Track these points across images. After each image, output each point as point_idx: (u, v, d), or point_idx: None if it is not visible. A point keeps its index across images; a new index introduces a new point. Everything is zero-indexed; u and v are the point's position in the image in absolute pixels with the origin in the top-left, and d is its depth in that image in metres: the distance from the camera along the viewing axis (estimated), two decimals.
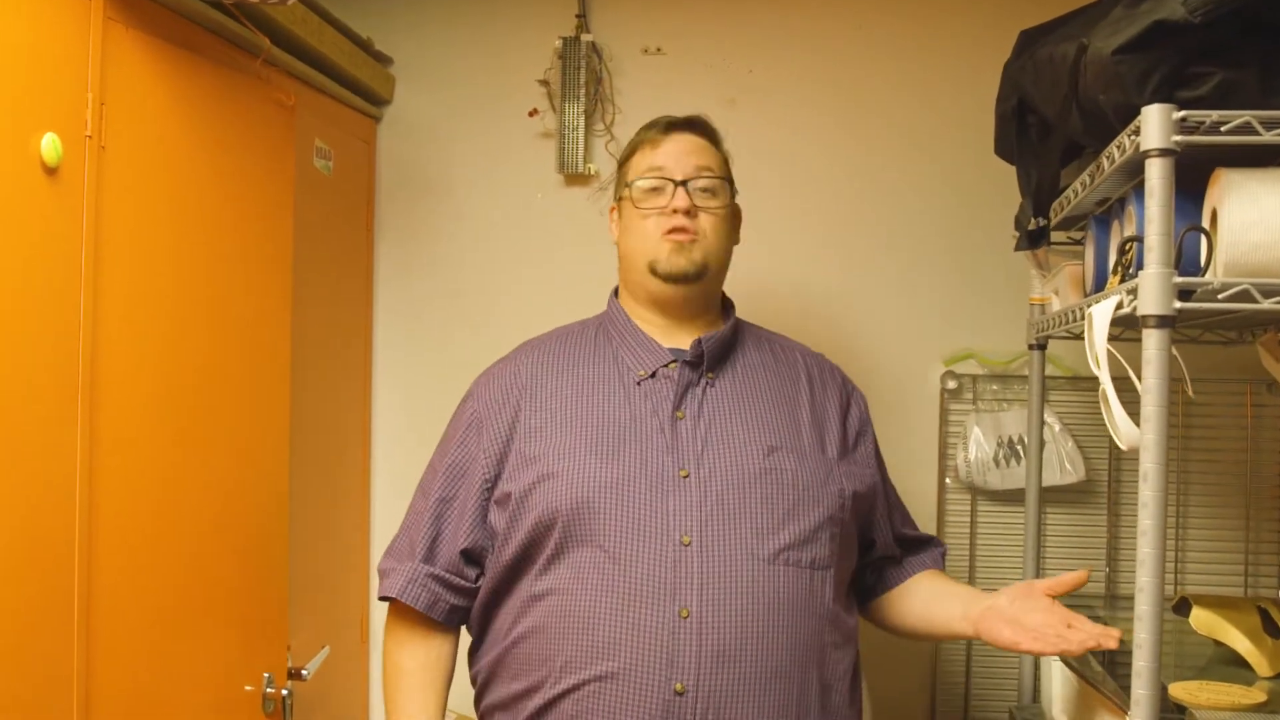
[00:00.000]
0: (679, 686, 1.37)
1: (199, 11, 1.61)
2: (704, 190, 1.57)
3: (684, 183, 1.55)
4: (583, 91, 2.34)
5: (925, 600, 1.62)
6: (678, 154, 1.58)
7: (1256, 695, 1.38)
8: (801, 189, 2.37)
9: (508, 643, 1.51)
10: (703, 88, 2.38)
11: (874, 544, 1.63)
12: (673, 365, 1.55)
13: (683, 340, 1.58)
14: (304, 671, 1.94)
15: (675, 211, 1.54)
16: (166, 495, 1.57)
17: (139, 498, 1.50)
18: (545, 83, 2.38)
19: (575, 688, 1.42)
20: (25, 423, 1.28)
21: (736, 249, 1.66)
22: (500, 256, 2.44)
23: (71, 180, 1.36)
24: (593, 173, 2.38)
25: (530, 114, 2.40)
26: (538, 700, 1.45)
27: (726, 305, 1.67)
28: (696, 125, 1.63)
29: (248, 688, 1.79)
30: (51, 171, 1.32)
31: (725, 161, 1.64)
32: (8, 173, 1.25)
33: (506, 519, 1.51)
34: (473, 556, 1.56)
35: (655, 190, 1.57)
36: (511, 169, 2.43)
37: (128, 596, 1.47)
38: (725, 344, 1.59)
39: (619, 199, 1.65)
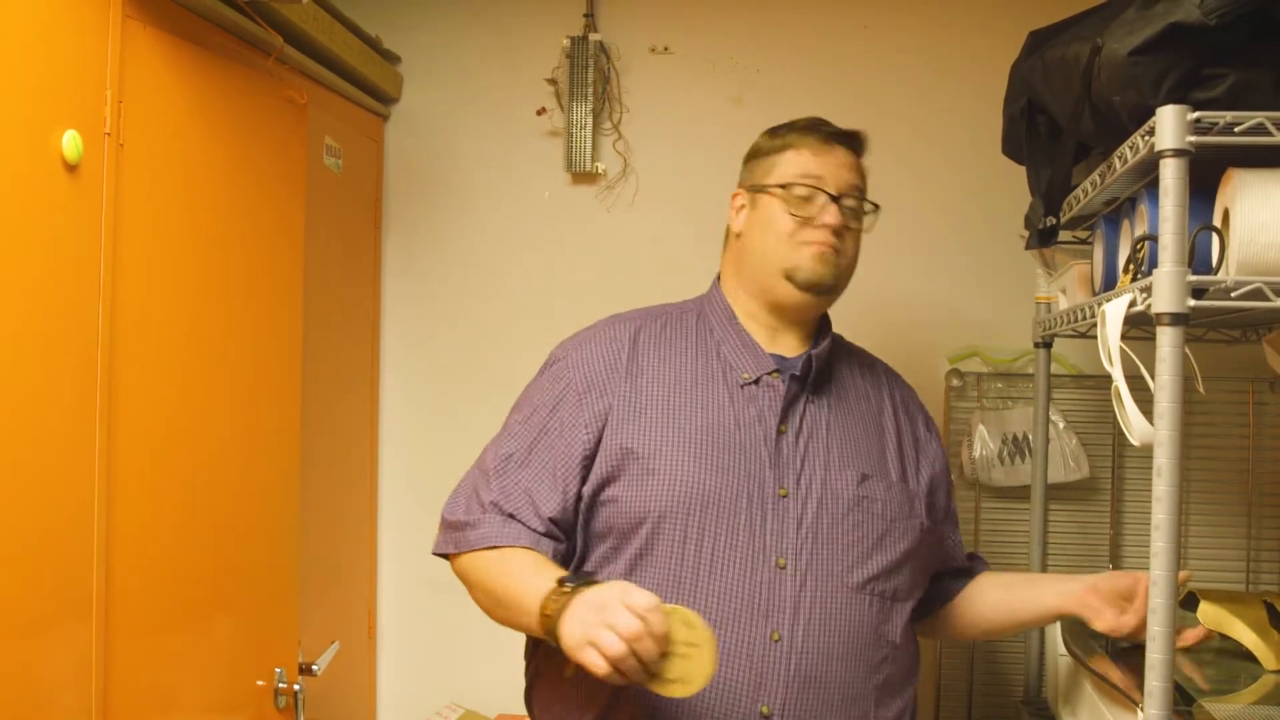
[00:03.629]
0: (765, 709, 1.36)
1: (214, 10, 1.62)
2: (851, 210, 1.54)
3: (838, 199, 1.52)
4: (590, 90, 2.35)
5: (1002, 593, 1.63)
6: (836, 167, 1.54)
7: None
8: None
9: None
10: (710, 86, 2.39)
11: (939, 570, 1.65)
12: (775, 375, 1.50)
13: (783, 346, 1.54)
14: (314, 666, 1.94)
15: (825, 226, 1.50)
16: (182, 493, 1.58)
17: (156, 496, 1.51)
18: (553, 81, 2.39)
19: (657, 703, 1.35)
20: (45, 421, 1.29)
21: None
22: (507, 255, 2.45)
23: (91, 177, 1.37)
24: (600, 171, 2.39)
25: (538, 113, 2.41)
26: (617, 713, 1.39)
27: (824, 318, 1.62)
28: (855, 141, 1.60)
29: (260, 683, 1.80)
30: (72, 169, 1.32)
31: (866, 180, 1.61)
32: (30, 170, 1.26)
33: (587, 504, 1.45)
34: (561, 527, 1.46)
35: (807, 199, 1.52)
36: (519, 167, 2.44)
37: (145, 594, 1.48)
38: (828, 359, 1.56)
39: (756, 191, 1.56)
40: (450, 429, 2.46)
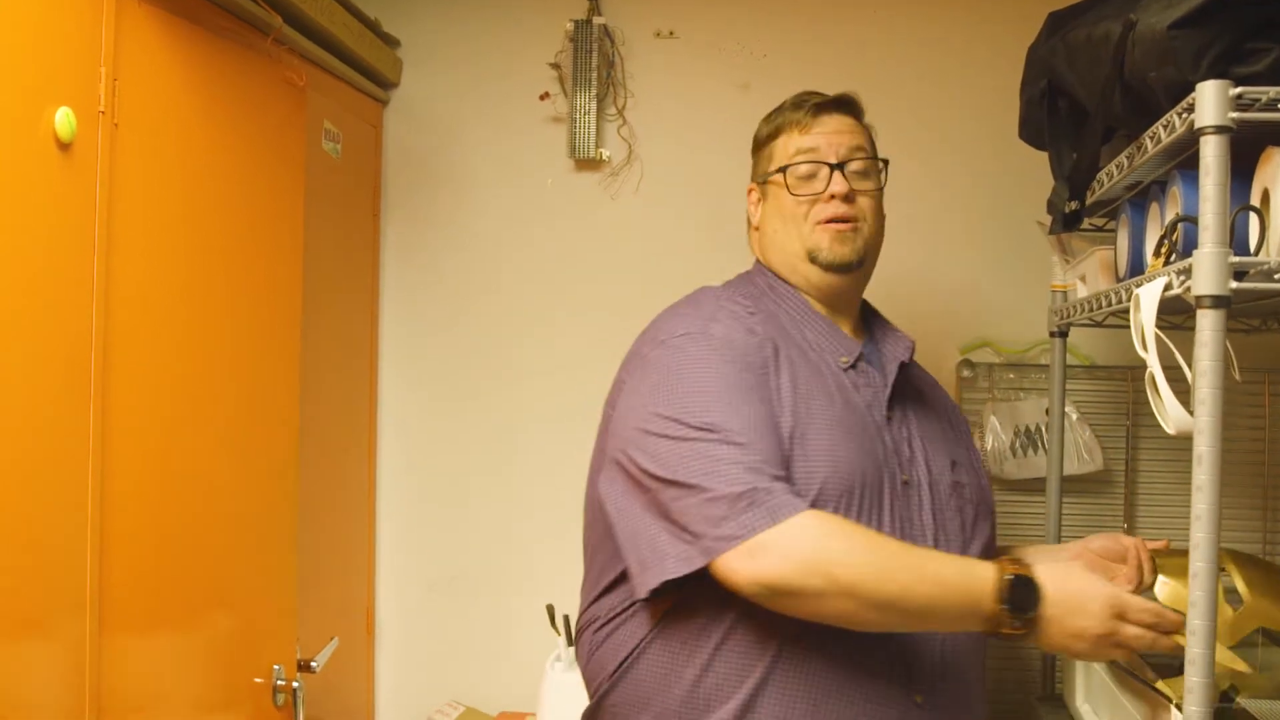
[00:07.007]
0: (918, 698, 1.33)
1: None
2: (858, 173, 1.51)
3: (839, 166, 1.48)
4: (594, 75, 2.31)
5: None
6: (829, 135, 1.51)
7: (1238, 663, 1.36)
8: None
9: (724, 626, 1.32)
10: (716, 71, 2.35)
11: None
12: (861, 360, 1.47)
13: (841, 328, 1.51)
14: (313, 663, 1.91)
15: (834, 198, 1.47)
16: (178, 485, 1.54)
17: (151, 488, 1.47)
18: (556, 66, 2.34)
19: (810, 683, 1.29)
20: (36, 410, 1.24)
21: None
22: (509, 243, 2.40)
23: (85, 156, 1.32)
24: (604, 158, 2.35)
25: (541, 98, 2.36)
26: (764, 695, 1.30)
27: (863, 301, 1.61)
28: (845, 104, 1.55)
29: (257, 680, 1.76)
30: (65, 147, 1.28)
31: (873, 139, 1.58)
32: (22, 148, 1.21)
33: None
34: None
35: (809, 176, 1.50)
36: (521, 154, 2.39)
37: (139, 589, 1.44)
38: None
39: (763, 182, 1.57)
40: (450, 421, 2.41)
